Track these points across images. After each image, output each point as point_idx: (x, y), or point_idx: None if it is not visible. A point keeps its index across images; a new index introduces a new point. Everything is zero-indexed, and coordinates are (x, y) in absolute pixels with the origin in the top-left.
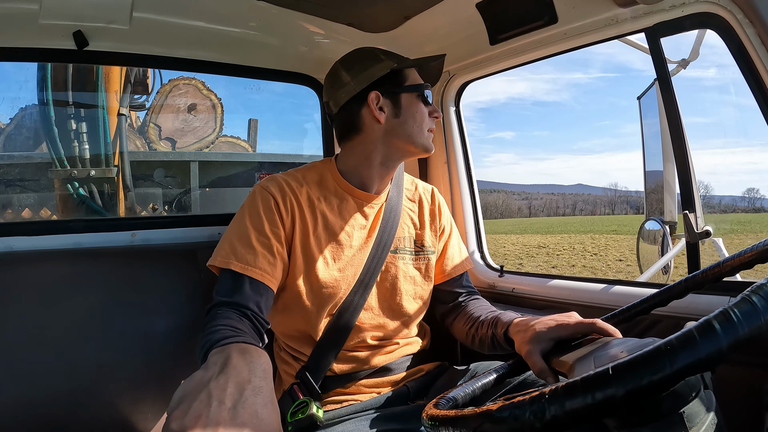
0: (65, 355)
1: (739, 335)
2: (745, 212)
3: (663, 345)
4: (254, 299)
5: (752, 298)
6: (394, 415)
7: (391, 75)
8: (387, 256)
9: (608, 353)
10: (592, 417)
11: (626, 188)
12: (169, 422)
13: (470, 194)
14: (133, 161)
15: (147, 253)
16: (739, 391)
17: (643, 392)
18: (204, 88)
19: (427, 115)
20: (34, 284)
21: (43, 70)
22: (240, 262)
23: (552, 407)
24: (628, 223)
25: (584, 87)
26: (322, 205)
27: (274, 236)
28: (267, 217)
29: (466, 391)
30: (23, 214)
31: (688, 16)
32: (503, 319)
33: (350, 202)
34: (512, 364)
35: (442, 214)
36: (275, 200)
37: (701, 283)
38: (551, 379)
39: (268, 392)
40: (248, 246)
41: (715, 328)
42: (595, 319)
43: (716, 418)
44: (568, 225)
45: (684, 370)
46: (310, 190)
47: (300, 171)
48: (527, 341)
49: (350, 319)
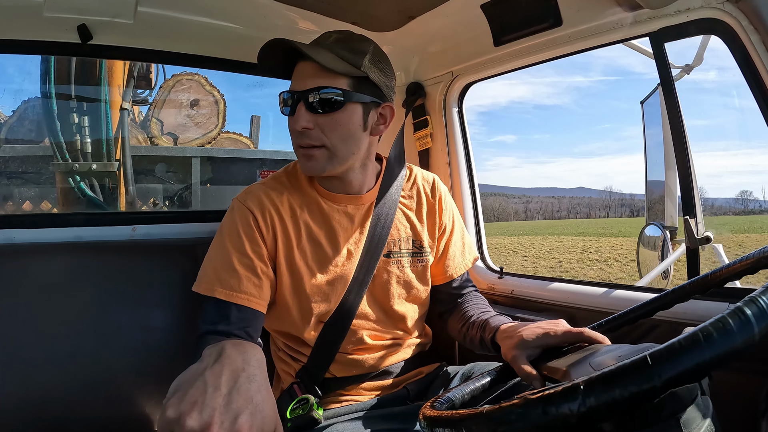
0: (64, 348)
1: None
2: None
3: (699, 331)
4: (242, 326)
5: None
6: (393, 415)
7: None
8: (379, 261)
9: (602, 359)
10: (584, 423)
11: (620, 191)
12: (166, 410)
13: (471, 196)
14: (135, 156)
15: (147, 247)
16: (736, 397)
17: (677, 381)
18: (207, 83)
19: (290, 130)
20: (34, 277)
21: (46, 63)
22: (225, 289)
23: (581, 402)
24: (614, 225)
25: (585, 90)
26: (305, 214)
27: (256, 256)
28: (247, 236)
29: (463, 392)
30: (24, 207)
31: (693, 22)
32: (492, 324)
33: (333, 207)
34: (504, 367)
35: (444, 210)
36: (254, 216)
37: (700, 289)
38: (537, 384)
39: (262, 380)
40: (231, 270)
41: (713, 336)
42: (583, 329)
43: (713, 424)
44: (556, 227)
45: (723, 356)
46: (292, 198)
47: (282, 175)
48: (513, 347)
49: (344, 326)
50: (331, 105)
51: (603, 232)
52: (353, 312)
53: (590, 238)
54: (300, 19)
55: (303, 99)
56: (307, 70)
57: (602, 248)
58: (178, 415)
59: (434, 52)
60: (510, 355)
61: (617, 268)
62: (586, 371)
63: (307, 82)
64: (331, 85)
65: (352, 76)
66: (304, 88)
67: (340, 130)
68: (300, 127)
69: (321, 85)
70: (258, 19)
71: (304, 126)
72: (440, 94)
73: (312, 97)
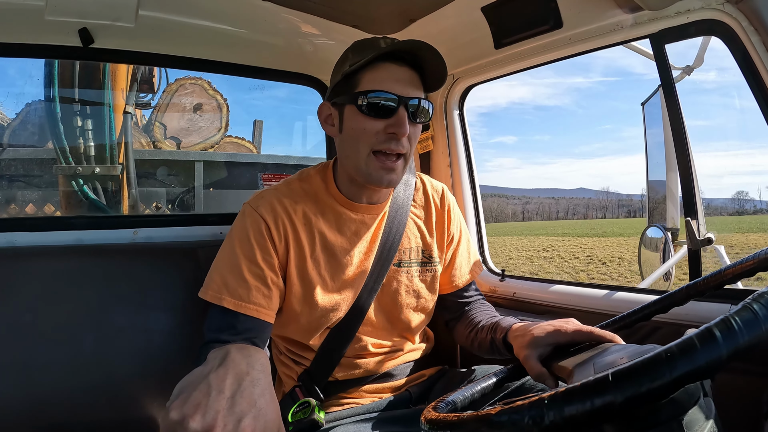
0: (66, 351)
1: (740, 344)
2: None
3: (663, 352)
4: (248, 336)
5: (753, 307)
6: (395, 418)
7: (346, 78)
8: (389, 270)
9: (608, 359)
10: (590, 423)
11: (617, 192)
12: (169, 412)
13: (473, 198)
14: (138, 159)
15: (149, 250)
16: (739, 399)
17: (642, 399)
18: (210, 88)
19: (374, 133)
20: (36, 280)
21: (49, 66)
22: (233, 298)
23: (551, 413)
24: (603, 226)
25: (585, 91)
26: (320, 222)
27: (267, 265)
28: (258, 244)
29: (465, 394)
30: (27, 210)
31: (693, 23)
32: (502, 325)
33: (349, 215)
34: (511, 368)
35: (452, 220)
36: (267, 224)
37: (702, 290)
38: (550, 383)
39: (266, 384)
40: (240, 278)
41: (716, 336)
42: (593, 327)
43: (715, 426)
44: (548, 228)
45: (684, 377)
46: (306, 206)
47: (295, 182)
48: (525, 346)
49: (349, 333)
50: (424, 116)
51: (586, 233)
52: (360, 320)
53: (565, 238)
54: (301, 23)
55: (405, 105)
56: (405, 77)
57: (561, 247)
58: (182, 418)
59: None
60: (522, 354)
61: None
62: (589, 372)
63: (409, 90)
64: (423, 97)
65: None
66: (407, 94)
67: (415, 141)
68: (406, 133)
69: (420, 95)
70: (259, 22)
71: (406, 133)
72: (441, 97)
73: (413, 105)
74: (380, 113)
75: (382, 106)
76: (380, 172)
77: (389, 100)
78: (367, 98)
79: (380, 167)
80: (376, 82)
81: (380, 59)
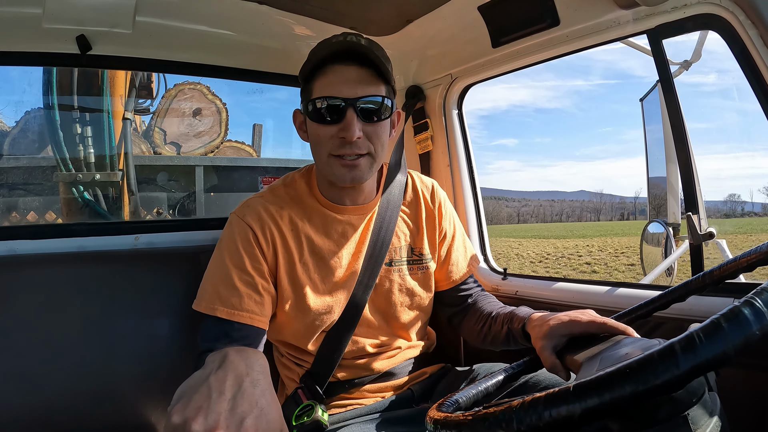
0: (68, 358)
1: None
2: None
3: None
4: (243, 343)
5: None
6: (398, 419)
7: (305, 84)
8: (381, 270)
9: (617, 353)
10: (590, 423)
11: (611, 194)
12: (171, 416)
13: (473, 197)
14: (138, 165)
15: (150, 256)
16: (744, 394)
17: (652, 393)
18: (209, 92)
19: (329, 138)
20: (38, 287)
21: (48, 73)
22: (225, 307)
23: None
24: (591, 228)
25: (585, 94)
26: (306, 226)
27: (257, 272)
28: (247, 253)
29: (470, 393)
30: (28, 217)
31: (690, 18)
32: (519, 314)
33: (335, 218)
34: (527, 360)
35: (443, 216)
36: (254, 232)
37: (705, 285)
38: (563, 375)
39: (266, 384)
40: (232, 287)
41: (722, 327)
42: (607, 319)
43: (720, 421)
44: (530, 231)
45: (686, 375)
46: (292, 211)
47: (280, 187)
48: (541, 337)
49: (346, 335)
50: (380, 114)
51: (566, 234)
52: (356, 321)
53: (544, 240)
54: (298, 26)
55: (353, 106)
56: (353, 75)
57: (530, 246)
58: (184, 421)
59: (433, 55)
60: (538, 345)
61: (516, 261)
62: (594, 366)
63: (357, 89)
64: (379, 93)
65: (387, 82)
66: (355, 95)
67: (383, 137)
68: (355, 137)
69: (373, 93)
70: (256, 26)
71: (359, 136)
72: (440, 97)
73: (365, 105)
74: (329, 119)
75: (328, 111)
76: (342, 170)
77: (335, 105)
78: (314, 105)
79: (341, 165)
80: (325, 87)
81: (330, 61)
